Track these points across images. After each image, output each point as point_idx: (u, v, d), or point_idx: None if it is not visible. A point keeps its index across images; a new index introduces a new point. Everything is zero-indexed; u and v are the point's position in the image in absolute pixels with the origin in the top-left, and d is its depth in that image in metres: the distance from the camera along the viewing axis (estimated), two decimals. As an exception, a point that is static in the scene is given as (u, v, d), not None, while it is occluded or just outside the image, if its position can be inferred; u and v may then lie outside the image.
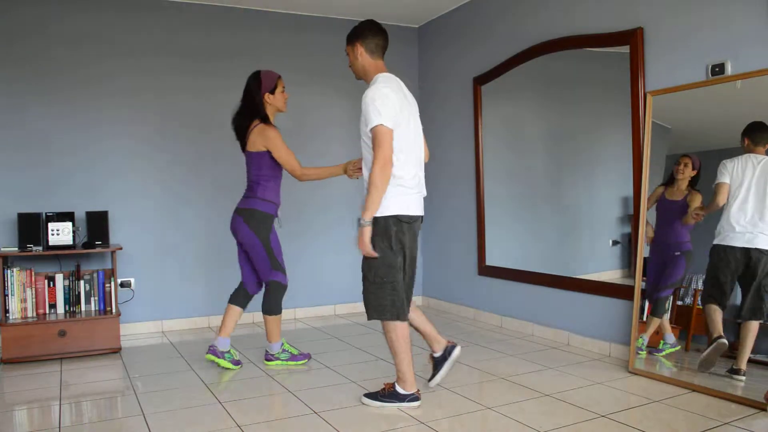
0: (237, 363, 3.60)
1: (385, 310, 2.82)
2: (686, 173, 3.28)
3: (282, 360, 3.66)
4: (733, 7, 3.04)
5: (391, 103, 2.72)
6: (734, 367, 2.95)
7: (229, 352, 3.60)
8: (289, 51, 5.07)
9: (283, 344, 3.70)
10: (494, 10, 4.64)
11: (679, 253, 3.36)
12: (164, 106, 4.68)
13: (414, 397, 2.88)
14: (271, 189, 3.55)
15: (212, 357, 3.55)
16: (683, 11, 3.27)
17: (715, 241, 3.07)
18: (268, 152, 3.47)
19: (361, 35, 2.89)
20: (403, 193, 2.81)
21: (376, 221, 2.78)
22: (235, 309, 3.65)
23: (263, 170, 3.51)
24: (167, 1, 4.69)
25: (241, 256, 3.71)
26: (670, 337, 3.32)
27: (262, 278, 3.66)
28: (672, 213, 3.34)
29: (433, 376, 3.12)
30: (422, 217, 3.00)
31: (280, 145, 3.44)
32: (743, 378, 2.91)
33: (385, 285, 2.81)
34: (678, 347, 3.30)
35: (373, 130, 2.71)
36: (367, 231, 2.74)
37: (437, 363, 3.12)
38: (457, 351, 3.13)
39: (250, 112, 3.54)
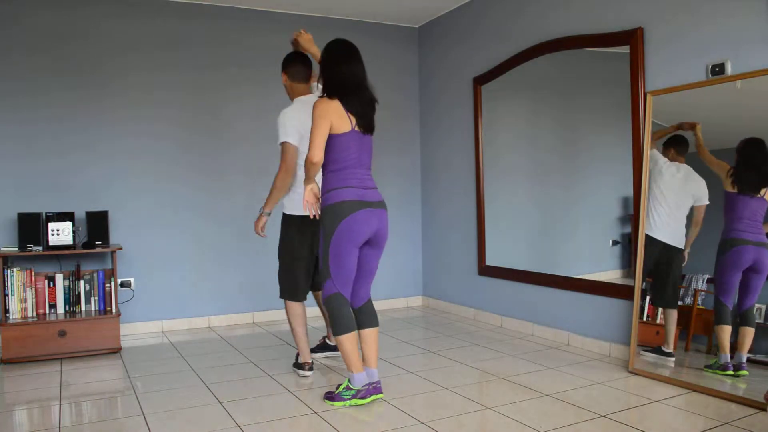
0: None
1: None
2: None
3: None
4: (733, 7, 3.04)
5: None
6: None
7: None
8: (288, 51, 5.06)
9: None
10: (494, 10, 4.64)
11: None
12: (164, 106, 4.68)
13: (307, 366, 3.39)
14: None
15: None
16: (683, 11, 3.27)
17: None
18: None
19: (284, 66, 3.48)
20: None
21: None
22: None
23: None
24: (168, 1, 4.69)
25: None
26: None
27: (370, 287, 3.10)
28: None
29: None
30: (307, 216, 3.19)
31: None
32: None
33: None
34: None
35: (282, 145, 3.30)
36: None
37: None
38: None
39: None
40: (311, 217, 2.92)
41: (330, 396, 2.95)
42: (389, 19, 5.38)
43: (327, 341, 3.81)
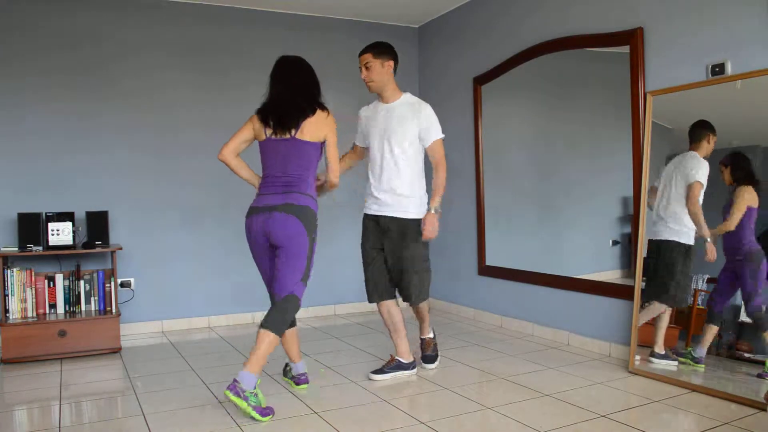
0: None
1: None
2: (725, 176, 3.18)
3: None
4: (733, 7, 3.04)
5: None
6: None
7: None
8: (288, 51, 5.05)
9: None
10: (494, 10, 4.64)
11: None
12: (165, 106, 4.69)
13: (413, 365, 3.37)
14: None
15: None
16: (683, 11, 3.27)
17: None
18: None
19: (395, 55, 3.32)
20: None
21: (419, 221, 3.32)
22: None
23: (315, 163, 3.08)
24: (168, 1, 4.69)
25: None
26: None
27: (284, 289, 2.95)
28: None
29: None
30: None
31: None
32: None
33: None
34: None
35: (438, 141, 3.27)
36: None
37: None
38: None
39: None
40: None
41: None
42: (389, 19, 5.38)
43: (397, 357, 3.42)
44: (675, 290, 3.28)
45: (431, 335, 3.57)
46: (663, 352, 3.27)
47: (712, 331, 3.09)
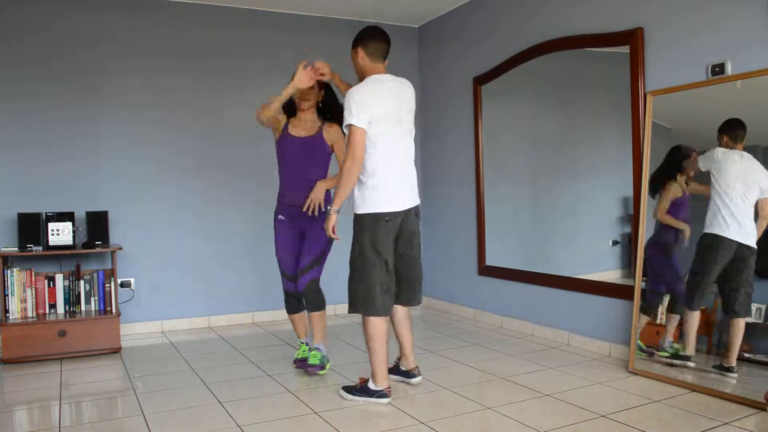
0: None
1: (356, 303, 2.98)
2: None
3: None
4: (733, 8, 3.04)
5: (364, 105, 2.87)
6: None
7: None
8: (288, 51, 5.07)
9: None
10: (494, 10, 4.64)
11: None
12: (165, 107, 4.69)
13: (383, 394, 2.95)
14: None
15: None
16: (683, 11, 3.27)
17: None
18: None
19: (361, 40, 2.99)
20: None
21: (360, 217, 2.95)
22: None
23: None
24: (168, 1, 4.69)
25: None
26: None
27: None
28: None
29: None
30: (412, 210, 3.06)
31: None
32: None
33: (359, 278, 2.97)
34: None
35: (348, 128, 2.90)
36: (333, 218, 2.97)
37: (396, 371, 3.26)
38: (415, 380, 3.21)
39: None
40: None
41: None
42: (389, 19, 5.38)
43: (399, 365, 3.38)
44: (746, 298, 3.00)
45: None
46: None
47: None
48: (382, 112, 2.90)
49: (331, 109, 3.47)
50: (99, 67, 4.49)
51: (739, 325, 2.95)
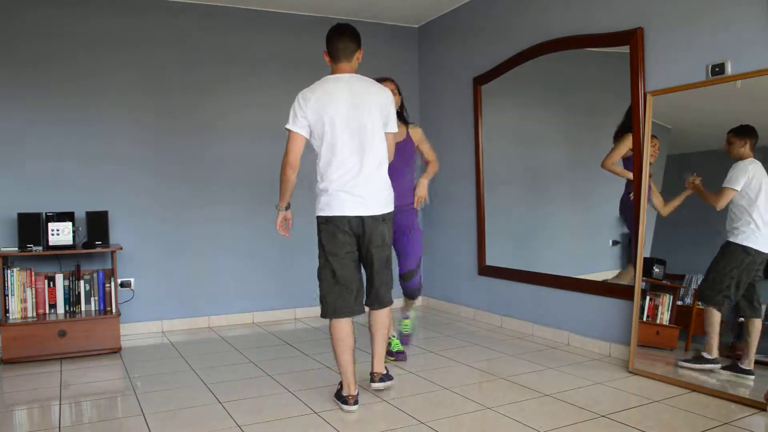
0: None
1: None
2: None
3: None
4: (733, 8, 3.04)
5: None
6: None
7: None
8: (289, 51, 5.07)
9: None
10: (494, 10, 4.64)
11: None
12: (165, 106, 4.69)
13: (345, 400, 2.84)
14: None
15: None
16: (683, 11, 3.27)
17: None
18: None
19: (326, 41, 2.90)
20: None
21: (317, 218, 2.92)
22: None
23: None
24: (168, 2, 4.69)
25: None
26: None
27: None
28: None
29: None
30: (375, 216, 2.86)
31: None
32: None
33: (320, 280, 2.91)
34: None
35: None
36: (279, 215, 3.04)
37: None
38: (375, 385, 3.07)
39: None
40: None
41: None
42: (389, 19, 5.38)
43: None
44: None
45: None
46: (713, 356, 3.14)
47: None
48: (331, 113, 2.77)
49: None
50: (99, 68, 4.49)
51: (757, 325, 2.92)
